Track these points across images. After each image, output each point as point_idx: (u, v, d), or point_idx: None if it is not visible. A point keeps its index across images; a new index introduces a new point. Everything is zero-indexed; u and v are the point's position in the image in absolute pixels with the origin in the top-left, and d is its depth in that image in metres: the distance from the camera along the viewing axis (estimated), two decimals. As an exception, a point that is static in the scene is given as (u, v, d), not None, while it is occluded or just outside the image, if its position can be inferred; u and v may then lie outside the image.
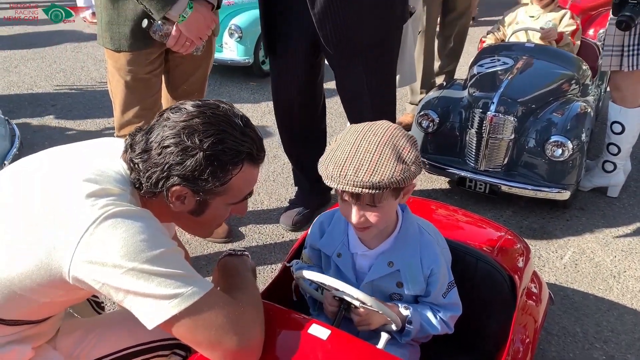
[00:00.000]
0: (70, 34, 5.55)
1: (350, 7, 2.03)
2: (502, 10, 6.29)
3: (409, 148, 1.17)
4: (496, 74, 2.80)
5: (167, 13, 1.91)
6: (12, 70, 4.62)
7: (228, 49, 4.32)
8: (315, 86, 2.44)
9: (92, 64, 4.72)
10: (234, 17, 4.29)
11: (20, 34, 5.57)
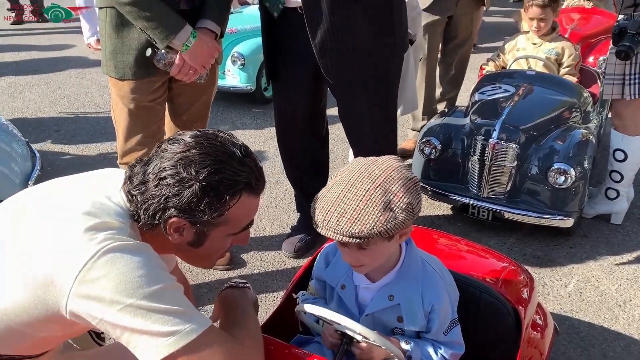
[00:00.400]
0: (75, 60, 5.61)
1: (351, 38, 2.05)
2: (502, 37, 6.38)
3: (402, 194, 1.15)
4: (498, 101, 2.81)
5: (171, 42, 1.93)
6: (17, 96, 4.66)
7: (231, 76, 4.36)
8: (317, 113, 2.46)
9: (96, 90, 4.76)
10: (237, 44, 4.35)
11: (26, 60, 5.63)
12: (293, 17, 2.09)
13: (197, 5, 2.04)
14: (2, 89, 4.82)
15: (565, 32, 4.00)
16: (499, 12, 7.42)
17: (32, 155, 3.01)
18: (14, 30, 6.75)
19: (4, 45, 6.14)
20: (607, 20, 4.20)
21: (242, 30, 4.49)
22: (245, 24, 4.52)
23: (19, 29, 6.84)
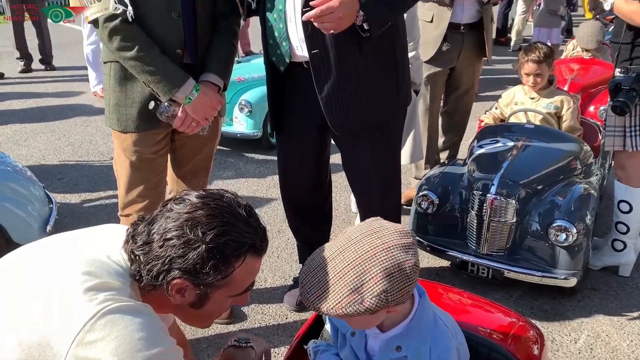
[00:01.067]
0: (80, 108, 5.68)
1: (357, 92, 2.07)
2: (502, 85, 6.47)
3: (379, 279, 1.10)
4: (496, 154, 2.78)
5: (174, 95, 1.95)
6: (22, 143, 4.69)
7: (238, 122, 4.43)
8: (321, 164, 2.46)
9: (101, 138, 4.80)
10: (244, 92, 4.44)
11: (33, 107, 5.71)
12: (299, 71, 2.11)
13: (200, 59, 2.08)
14: (8, 136, 4.86)
15: (565, 83, 4.06)
16: (498, 60, 7.54)
17: (48, 201, 3.06)
18: (22, 79, 6.87)
19: (12, 92, 6.24)
20: (606, 70, 4.26)
21: (250, 79, 4.59)
22: (253, 73, 4.63)
23: (27, 77, 6.96)
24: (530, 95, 3.22)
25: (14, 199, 2.83)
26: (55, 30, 9.21)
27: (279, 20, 2.02)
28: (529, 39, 8.42)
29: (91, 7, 1.89)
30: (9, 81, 6.74)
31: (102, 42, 1.96)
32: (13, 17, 6.87)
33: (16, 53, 7.16)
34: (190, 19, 2.00)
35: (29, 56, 7.21)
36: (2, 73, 6.90)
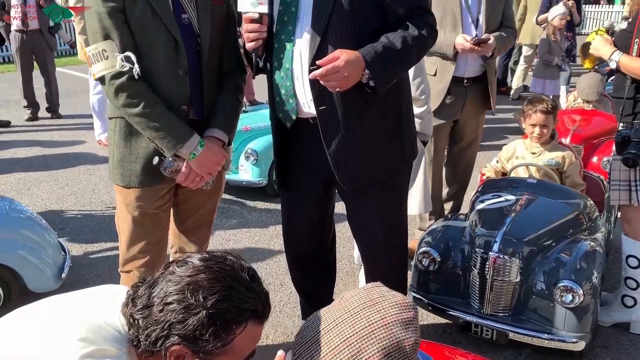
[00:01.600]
0: (85, 157, 5.71)
1: (364, 147, 2.08)
2: (503, 135, 6.51)
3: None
4: (498, 210, 2.73)
5: (178, 151, 1.94)
6: (25, 192, 4.70)
7: (244, 170, 4.46)
8: (326, 218, 2.44)
9: (104, 187, 4.80)
10: (251, 141, 4.50)
11: (37, 155, 5.75)
12: (305, 127, 2.12)
13: (206, 114, 2.09)
14: (11, 185, 4.88)
15: (567, 133, 4.08)
16: (498, 109, 7.60)
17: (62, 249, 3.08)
18: (28, 127, 6.95)
19: (17, 141, 6.30)
20: (608, 122, 4.30)
21: (256, 128, 4.66)
22: (259, 122, 4.70)
23: (33, 125, 7.05)
24: (531, 149, 3.20)
25: (29, 246, 2.86)
26: (63, 78, 9.39)
27: (286, 78, 2.04)
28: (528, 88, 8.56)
29: (98, 64, 1.90)
30: (15, 129, 6.82)
31: (108, 98, 1.97)
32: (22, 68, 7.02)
33: (24, 102, 7.27)
34: (196, 76, 2.02)
35: (36, 105, 7.32)
36: (8, 121, 6.99)
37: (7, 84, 8.75)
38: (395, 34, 1.93)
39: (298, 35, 1.97)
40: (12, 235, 2.82)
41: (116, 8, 1.86)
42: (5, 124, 6.92)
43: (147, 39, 1.91)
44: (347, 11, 1.91)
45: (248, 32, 1.93)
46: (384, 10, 1.95)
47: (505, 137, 6.44)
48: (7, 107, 7.92)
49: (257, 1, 1.89)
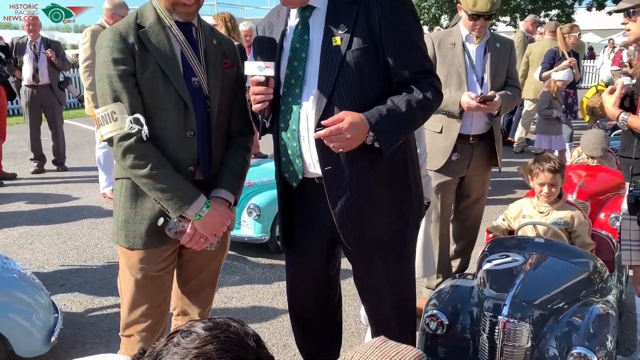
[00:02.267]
0: (88, 210, 5.70)
1: (371, 207, 2.06)
2: (509, 189, 6.50)
3: None
4: (507, 272, 2.66)
5: (184, 212, 1.93)
6: (27, 247, 4.66)
7: (246, 226, 4.41)
8: (332, 278, 2.39)
9: (107, 242, 4.76)
10: (253, 196, 4.46)
11: (41, 209, 5.74)
12: (311, 187, 2.11)
13: (213, 175, 2.08)
14: (14, 239, 4.84)
15: (573, 189, 4.06)
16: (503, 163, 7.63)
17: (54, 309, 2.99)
18: (34, 179, 6.98)
19: (22, 194, 6.31)
20: (613, 178, 4.28)
21: (259, 183, 4.64)
22: (262, 177, 4.68)
23: (39, 177, 7.08)
24: (539, 208, 3.16)
25: (19, 309, 2.77)
26: (70, 130, 9.52)
27: (292, 139, 2.04)
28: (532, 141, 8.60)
29: (107, 125, 1.91)
30: (21, 182, 6.85)
31: (116, 159, 1.96)
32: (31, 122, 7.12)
33: (31, 154, 7.34)
34: (204, 137, 2.02)
35: (43, 157, 7.38)
36: (14, 174, 7.03)
37: (15, 136, 8.85)
38: (400, 97, 1.95)
39: (305, 97, 1.99)
40: (3, 297, 2.72)
41: (127, 71, 1.88)
42: (11, 176, 6.95)
43: (157, 101, 1.93)
44: (353, 75, 1.93)
45: (254, 94, 1.95)
46: (389, 73, 1.98)
47: (511, 191, 6.44)
48: (14, 160, 7.98)
49: (263, 65, 1.92)
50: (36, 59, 6.95)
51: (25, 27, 6.98)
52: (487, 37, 3.34)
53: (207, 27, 2.10)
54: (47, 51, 6.96)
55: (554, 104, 6.31)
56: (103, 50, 1.91)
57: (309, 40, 1.99)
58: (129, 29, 1.92)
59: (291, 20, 2.08)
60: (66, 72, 8.02)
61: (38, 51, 6.97)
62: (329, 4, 1.97)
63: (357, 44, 1.91)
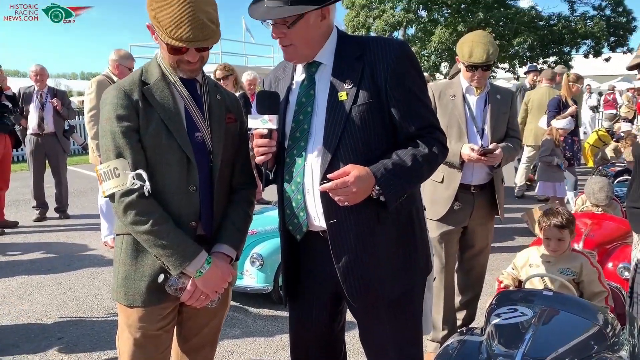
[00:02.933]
0: (89, 259, 5.65)
1: (376, 262, 2.02)
2: (512, 236, 6.43)
3: None
4: (516, 327, 2.58)
5: (185, 269, 1.89)
6: (26, 298, 4.59)
7: (248, 276, 4.34)
8: (336, 335, 2.33)
9: (107, 292, 4.69)
10: (256, 245, 4.40)
11: (41, 258, 5.69)
12: (315, 240, 2.08)
13: (215, 229, 2.06)
14: (13, 289, 4.78)
15: (579, 238, 4.00)
16: (506, 209, 7.59)
17: None
18: (35, 227, 6.96)
19: (23, 243, 6.27)
20: (619, 226, 4.23)
21: (262, 232, 4.58)
22: (265, 226, 4.63)
23: (40, 225, 7.06)
24: (545, 258, 3.11)
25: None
26: (73, 177, 9.56)
27: (297, 191, 2.03)
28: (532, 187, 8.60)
29: (109, 181, 1.90)
30: (22, 230, 6.82)
31: (117, 215, 1.94)
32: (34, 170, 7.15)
33: (33, 202, 7.34)
34: (207, 192, 2.01)
35: (45, 205, 7.38)
36: (16, 222, 7.01)
37: (18, 183, 8.87)
38: (405, 151, 1.95)
39: (310, 150, 1.99)
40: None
41: (130, 128, 1.89)
42: (13, 224, 6.93)
43: (160, 157, 1.93)
44: (358, 129, 1.93)
45: (258, 146, 1.95)
46: (394, 128, 1.98)
47: (514, 238, 6.38)
48: (16, 207, 7.98)
49: (267, 118, 1.93)
50: (42, 107, 7.04)
51: (33, 77, 7.10)
52: (488, 88, 3.36)
53: (211, 82, 2.12)
54: (53, 100, 7.06)
55: (556, 151, 6.32)
56: (107, 107, 1.92)
57: (315, 94, 2.00)
58: (133, 85, 1.94)
59: (297, 75, 2.10)
60: (71, 120, 8.12)
61: (44, 100, 7.07)
62: (335, 60, 2.00)
63: (362, 99, 1.92)
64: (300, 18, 1.88)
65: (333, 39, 2.02)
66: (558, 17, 22.14)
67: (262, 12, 1.90)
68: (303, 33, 1.92)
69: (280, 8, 1.85)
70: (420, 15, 22.41)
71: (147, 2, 1.87)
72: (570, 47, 22.10)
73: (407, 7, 21.64)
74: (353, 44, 2.01)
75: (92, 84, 5.57)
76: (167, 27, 1.81)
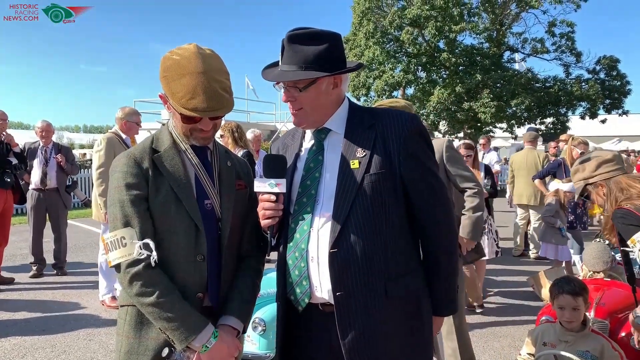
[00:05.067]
0: (86, 319, 5.49)
1: (385, 339, 1.95)
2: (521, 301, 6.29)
3: None
4: None
5: (190, 343, 1.82)
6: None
7: (250, 341, 4.18)
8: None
9: (103, 356, 4.54)
10: (258, 309, 4.25)
11: (37, 317, 5.54)
12: (316, 314, 2.01)
13: (222, 300, 2.00)
14: (5, 351, 4.62)
15: (590, 306, 3.90)
16: (509, 272, 7.48)
17: None
18: (31, 284, 6.82)
19: (18, 300, 6.12)
20: (629, 294, 4.11)
21: (265, 295, 4.40)
22: (269, 288, 4.44)
23: (37, 282, 6.92)
24: (562, 337, 2.96)
25: None
26: (73, 231, 9.48)
27: (300, 259, 1.98)
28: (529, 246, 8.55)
29: (115, 251, 1.85)
30: (18, 287, 6.69)
31: (122, 286, 1.89)
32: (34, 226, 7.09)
33: (31, 258, 7.23)
34: (214, 262, 1.97)
35: (42, 261, 7.27)
36: (12, 279, 6.88)
37: (16, 237, 8.79)
38: (440, 263, 2.04)
39: (316, 217, 1.95)
40: None
41: (139, 196, 1.87)
42: (9, 281, 6.80)
43: (168, 225, 1.89)
44: (370, 198, 1.91)
45: (264, 209, 1.93)
46: (405, 198, 1.96)
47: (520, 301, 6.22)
48: (13, 261, 7.87)
49: (274, 182, 1.91)
50: (46, 163, 7.06)
51: (39, 133, 7.16)
52: None
53: (221, 149, 2.12)
54: (58, 156, 7.09)
55: (560, 213, 6.30)
56: (117, 174, 1.90)
57: (323, 160, 2.00)
58: (143, 153, 1.94)
59: (306, 142, 2.11)
60: (74, 176, 8.13)
61: (49, 156, 7.10)
62: (346, 128, 2.00)
63: (374, 169, 1.91)
64: (312, 83, 1.91)
65: (344, 108, 2.04)
66: (554, 79, 22.65)
67: (276, 74, 1.94)
68: (314, 98, 1.94)
69: (294, 72, 1.89)
70: (419, 76, 22.93)
71: (160, 73, 1.89)
72: (566, 108, 22.50)
73: (407, 69, 22.17)
74: (365, 113, 2.03)
75: (101, 141, 5.60)
76: (182, 97, 1.82)
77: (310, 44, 1.89)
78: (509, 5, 22.60)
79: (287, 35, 1.92)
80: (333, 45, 1.93)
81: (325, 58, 1.90)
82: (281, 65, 1.94)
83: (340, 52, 1.97)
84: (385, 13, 22.40)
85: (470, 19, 21.85)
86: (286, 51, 1.91)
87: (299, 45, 1.89)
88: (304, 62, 1.88)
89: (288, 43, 1.91)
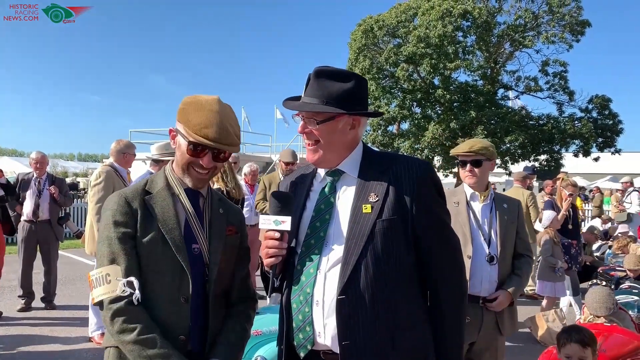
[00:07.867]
0: (74, 356, 5.34)
1: None
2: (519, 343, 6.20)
3: None
4: None
5: None
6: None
7: (253, 380, 4.07)
8: None
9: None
10: (260, 347, 4.15)
11: (22, 353, 5.38)
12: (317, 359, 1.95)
13: (209, 345, 1.95)
14: (-12, 391, 4.47)
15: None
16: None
17: None
18: (19, 320, 6.64)
19: (4, 336, 5.95)
20: (630, 339, 4.08)
21: (267, 332, 4.34)
22: (270, 326, 4.39)
23: (24, 317, 6.75)
24: None
25: None
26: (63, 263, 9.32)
27: (305, 303, 1.93)
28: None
29: (99, 288, 1.86)
30: (5, 321, 6.52)
31: (105, 324, 1.88)
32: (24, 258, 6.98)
33: (19, 290, 7.08)
34: (199, 306, 1.94)
35: (31, 294, 7.12)
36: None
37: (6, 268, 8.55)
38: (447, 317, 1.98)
39: (324, 260, 1.91)
40: None
41: (127, 234, 1.88)
42: (-4, 314, 6.64)
43: (154, 265, 1.89)
44: (382, 244, 1.87)
45: (268, 247, 1.89)
46: (415, 244, 1.93)
47: (517, 343, 6.13)
48: (1, 294, 7.70)
49: (280, 219, 1.88)
50: (39, 195, 6.99)
51: (33, 164, 7.11)
52: (492, 195, 3.34)
53: (215, 197, 2.11)
54: (51, 188, 7.03)
55: (557, 252, 6.29)
56: (107, 212, 1.93)
57: (335, 203, 1.97)
58: (135, 193, 1.96)
59: (317, 181, 2.08)
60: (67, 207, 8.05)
61: (42, 187, 7.03)
62: (360, 171, 1.98)
63: (387, 215, 1.88)
64: (331, 119, 1.92)
65: (358, 151, 2.03)
66: (547, 117, 22.95)
67: (297, 104, 1.96)
68: (330, 134, 1.94)
69: (314, 105, 1.91)
70: (414, 112, 23.20)
71: (180, 106, 1.96)
72: (560, 146, 22.73)
73: (402, 104, 22.45)
74: (378, 158, 2.03)
75: (100, 174, 5.55)
76: (195, 125, 1.88)
77: (336, 80, 1.91)
78: (503, 44, 23.06)
79: (314, 70, 1.94)
80: (357, 87, 1.94)
81: (348, 98, 1.91)
82: (304, 97, 1.95)
83: (363, 96, 1.98)
84: (382, 50, 22.78)
85: (465, 56, 22.23)
86: (311, 84, 1.93)
87: (326, 81, 1.91)
88: (327, 97, 1.90)
89: (314, 77, 1.93)
